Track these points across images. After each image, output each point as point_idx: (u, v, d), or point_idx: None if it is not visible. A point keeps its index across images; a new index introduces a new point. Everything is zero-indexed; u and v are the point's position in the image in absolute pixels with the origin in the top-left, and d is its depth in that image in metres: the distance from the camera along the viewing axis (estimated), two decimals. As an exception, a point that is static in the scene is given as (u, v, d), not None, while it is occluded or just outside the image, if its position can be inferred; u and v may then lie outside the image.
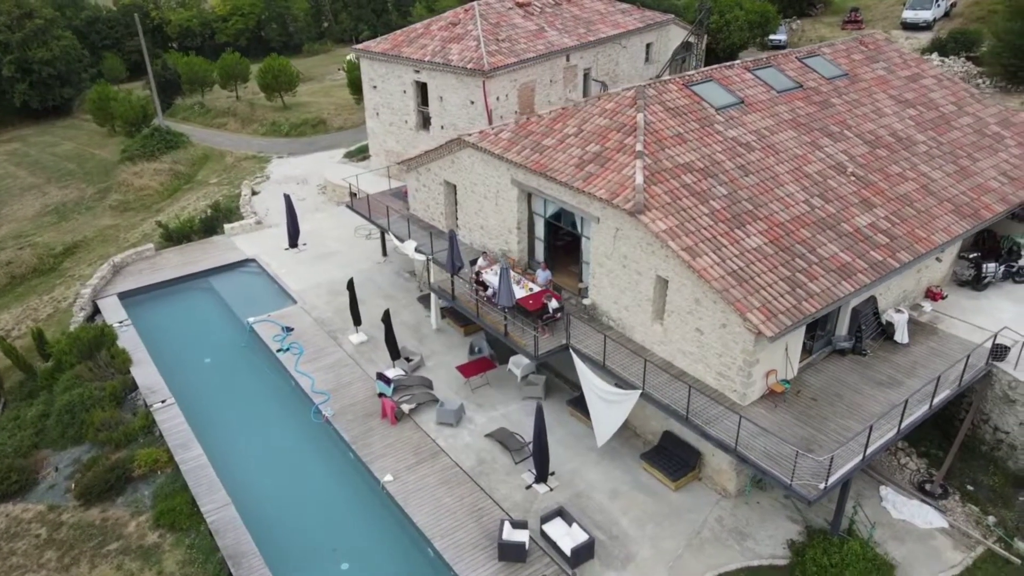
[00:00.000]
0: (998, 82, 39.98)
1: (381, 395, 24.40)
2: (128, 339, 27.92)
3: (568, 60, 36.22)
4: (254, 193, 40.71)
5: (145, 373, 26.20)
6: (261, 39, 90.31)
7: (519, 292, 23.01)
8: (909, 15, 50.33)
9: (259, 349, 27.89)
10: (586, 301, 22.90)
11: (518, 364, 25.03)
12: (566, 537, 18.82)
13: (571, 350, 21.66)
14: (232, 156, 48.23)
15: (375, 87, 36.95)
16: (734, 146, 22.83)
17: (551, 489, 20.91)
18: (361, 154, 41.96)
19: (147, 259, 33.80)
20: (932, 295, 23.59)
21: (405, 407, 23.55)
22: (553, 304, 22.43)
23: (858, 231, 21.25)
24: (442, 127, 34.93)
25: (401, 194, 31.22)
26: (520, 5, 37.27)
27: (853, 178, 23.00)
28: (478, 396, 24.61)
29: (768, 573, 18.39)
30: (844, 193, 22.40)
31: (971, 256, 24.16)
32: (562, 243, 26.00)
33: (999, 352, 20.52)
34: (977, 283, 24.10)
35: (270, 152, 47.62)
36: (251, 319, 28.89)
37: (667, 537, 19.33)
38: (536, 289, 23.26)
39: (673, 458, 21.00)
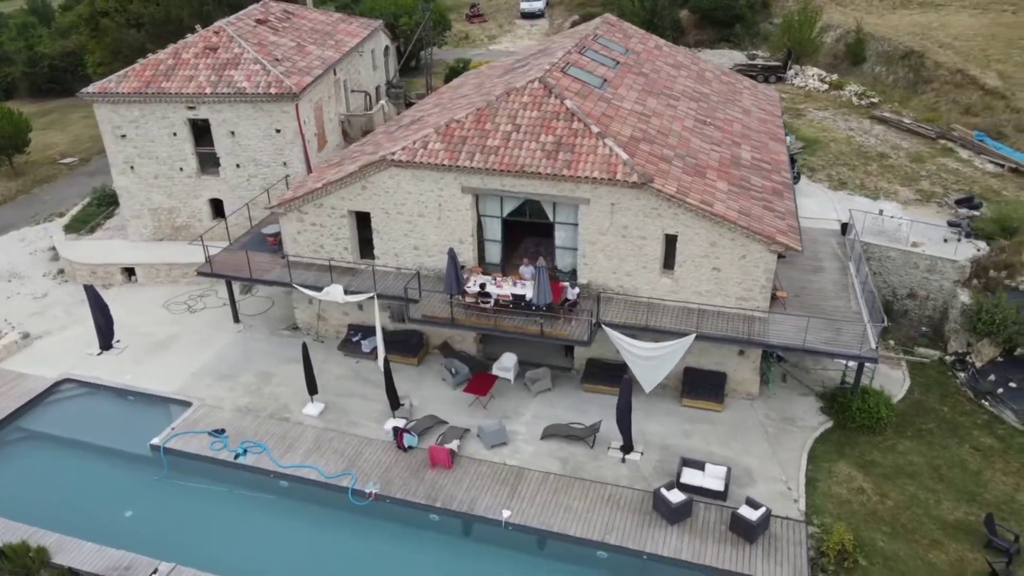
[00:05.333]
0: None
1: (410, 447, 22.10)
2: (5, 531, 19.52)
3: (335, 74, 34.61)
4: (-45, 308, 29.84)
5: (85, 555, 18.96)
6: None
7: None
8: (526, 6, 58.97)
9: (193, 469, 22.10)
10: (582, 281, 23.98)
11: (506, 368, 24.91)
12: (708, 478, 20.57)
13: (603, 326, 22.79)
14: None
15: (124, 136, 30.17)
16: (639, 116, 26.01)
17: (642, 454, 22.12)
18: (88, 223, 33.55)
19: None
20: (767, 205, 30.44)
21: (453, 446, 21.83)
22: (573, 292, 23.09)
23: (752, 164, 26.53)
24: (238, 165, 30.57)
25: (265, 244, 26.93)
26: (260, 22, 34.04)
27: (712, 127, 28.22)
28: (491, 410, 23.87)
29: (829, 434, 22.83)
30: (720, 139, 27.44)
31: (776, 170, 31.64)
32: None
33: (846, 229, 28.03)
34: (780, 190, 31.78)
35: (-99, 257, 34.51)
36: (155, 440, 22.51)
37: (753, 444, 22.40)
38: (538, 284, 23.50)
39: (706, 386, 23.93)
